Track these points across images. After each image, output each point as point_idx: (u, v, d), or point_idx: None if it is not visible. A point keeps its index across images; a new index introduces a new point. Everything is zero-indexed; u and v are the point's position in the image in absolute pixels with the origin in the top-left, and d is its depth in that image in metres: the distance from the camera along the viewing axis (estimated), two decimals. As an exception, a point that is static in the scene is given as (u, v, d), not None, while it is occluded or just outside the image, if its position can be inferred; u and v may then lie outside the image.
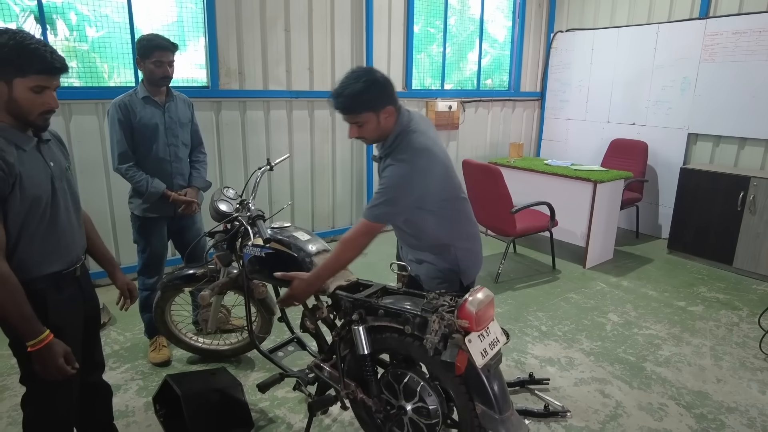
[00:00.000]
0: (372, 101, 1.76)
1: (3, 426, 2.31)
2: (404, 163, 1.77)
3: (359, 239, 1.82)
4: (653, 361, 2.92)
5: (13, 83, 1.41)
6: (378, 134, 1.84)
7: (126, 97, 2.63)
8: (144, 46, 2.57)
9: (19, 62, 1.40)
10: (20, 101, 1.43)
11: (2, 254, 1.42)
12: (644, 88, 5.22)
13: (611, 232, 4.55)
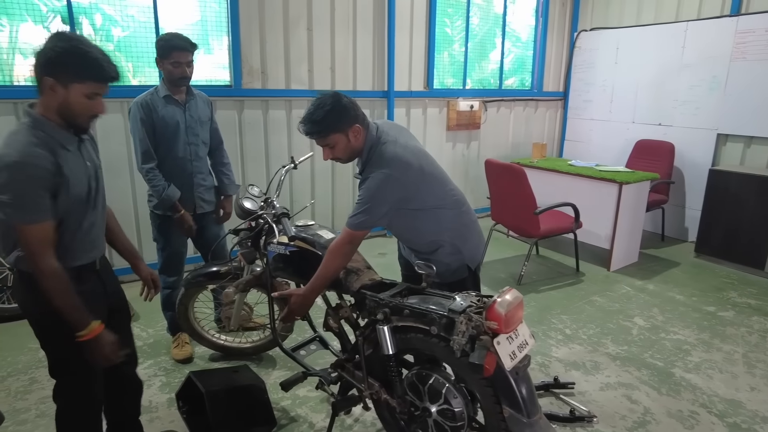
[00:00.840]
0: (336, 123, 1.86)
1: (32, 417, 2.34)
2: (377, 174, 1.86)
3: (344, 247, 1.91)
4: (682, 367, 2.84)
5: (70, 87, 1.47)
6: (350, 153, 1.94)
7: (147, 95, 2.64)
8: (162, 47, 2.57)
9: (78, 69, 1.45)
10: (73, 105, 1.49)
11: (53, 251, 1.48)
12: (671, 88, 5.10)
13: (636, 234, 4.45)
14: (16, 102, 3.34)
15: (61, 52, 1.44)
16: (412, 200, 1.93)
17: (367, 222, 1.89)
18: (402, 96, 4.96)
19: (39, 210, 1.44)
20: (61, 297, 1.48)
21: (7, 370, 2.70)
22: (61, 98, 1.47)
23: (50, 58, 1.44)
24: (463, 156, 5.62)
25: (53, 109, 1.50)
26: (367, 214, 1.87)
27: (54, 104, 1.49)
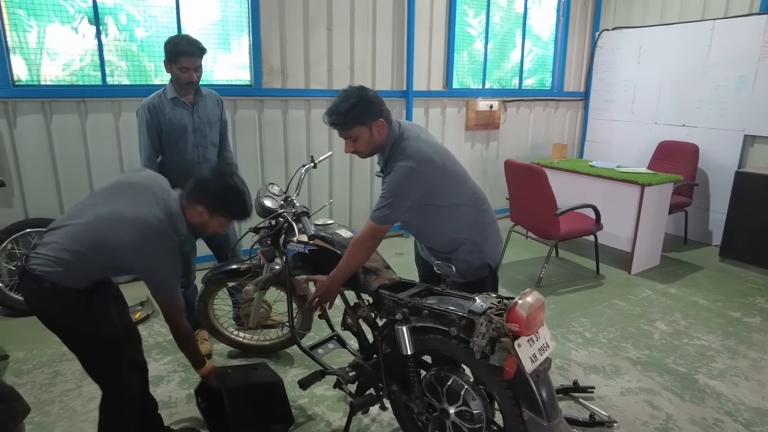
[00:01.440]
0: (361, 116, 1.86)
1: (56, 410, 2.39)
2: (401, 168, 1.86)
3: (367, 240, 1.92)
4: (706, 374, 2.77)
5: (215, 217, 1.82)
6: (371, 147, 1.94)
7: (155, 98, 2.63)
8: (170, 51, 2.55)
9: (233, 209, 1.83)
10: (209, 227, 1.86)
11: (182, 317, 1.90)
12: (696, 88, 5.00)
13: (658, 237, 4.37)
14: (43, 101, 3.41)
15: (221, 194, 1.79)
16: (435, 196, 1.93)
17: (391, 216, 1.88)
18: (421, 96, 4.95)
19: (179, 291, 1.85)
20: (188, 348, 1.99)
21: (33, 363, 2.77)
22: (204, 220, 1.82)
23: (209, 194, 1.78)
24: (482, 156, 5.58)
25: (191, 221, 1.83)
26: (391, 208, 1.87)
27: (194, 220, 1.82)
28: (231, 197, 1.80)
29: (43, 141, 3.46)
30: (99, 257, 1.70)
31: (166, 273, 1.77)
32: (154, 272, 1.76)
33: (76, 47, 3.54)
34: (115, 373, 1.84)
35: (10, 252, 3.39)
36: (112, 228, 1.68)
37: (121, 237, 1.67)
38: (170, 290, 1.80)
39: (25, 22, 3.36)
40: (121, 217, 1.69)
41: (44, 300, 1.72)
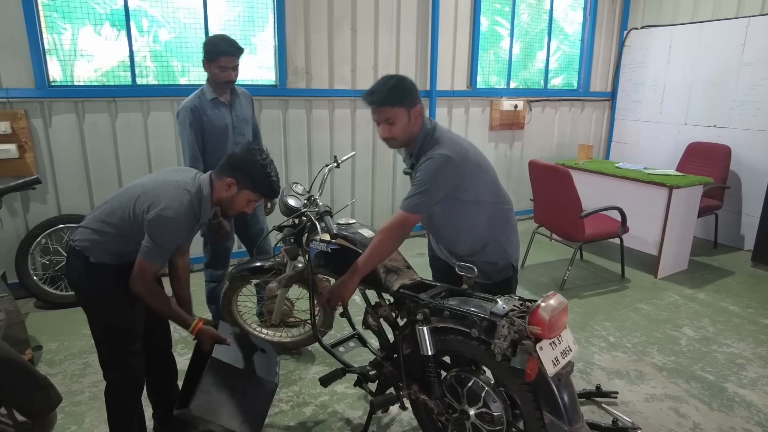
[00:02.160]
0: (404, 96, 1.85)
1: (86, 399, 2.47)
2: (437, 156, 1.84)
3: (396, 230, 1.89)
4: (736, 382, 2.70)
5: (242, 192, 1.82)
6: (406, 135, 1.91)
7: (195, 99, 2.68)
8: (210, 50, 2.61)
9: (260, 184, 1.81)
10: (236, 204, 1.84)
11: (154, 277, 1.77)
12: (729, 88, 4.86)
13: (686, 240, 4.26)
14: (76, 101, 3.52)
15: (251, 168, 1.79)
16: (467, 191, 1.91)
17: (424, 205, 1.86)
18: (444, 95, 4.93)
19: (165, 257, 1.78)
20: (163, 309, 1.82)
21: (64, 354, 2.86)
22: (231, 196, 1.82)
23: (240, 167, 1.80)
24: (506, 156, 5.53)
25: (219, 198, 1.83)
26: (424, 196, 1.84)
27: (223, 196, 1.83)
28: (258, 171, 1.80)
29: (76, 139, 3.57)
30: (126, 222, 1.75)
31: (167, 231, 1.71)
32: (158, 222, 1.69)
33: (107, 48, 3.65)
34: (116, 361, 1.89)
35: (44, 247, 3.51)
36: (144, 190, 1.76)
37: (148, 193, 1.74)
38: (159, 249, 1.72)
39: (60, 25, 3.47)
40: (155, 182, 1.79)
41: (79, 274, 1.81)
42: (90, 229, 1.80)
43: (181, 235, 1.77)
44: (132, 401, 1.95)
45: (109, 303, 1.82)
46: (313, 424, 2.32)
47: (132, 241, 1.74)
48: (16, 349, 2.20)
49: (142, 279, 1.73)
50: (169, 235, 1.72)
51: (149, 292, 1.76)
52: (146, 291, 1.75)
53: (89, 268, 1.78)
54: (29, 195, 3.48)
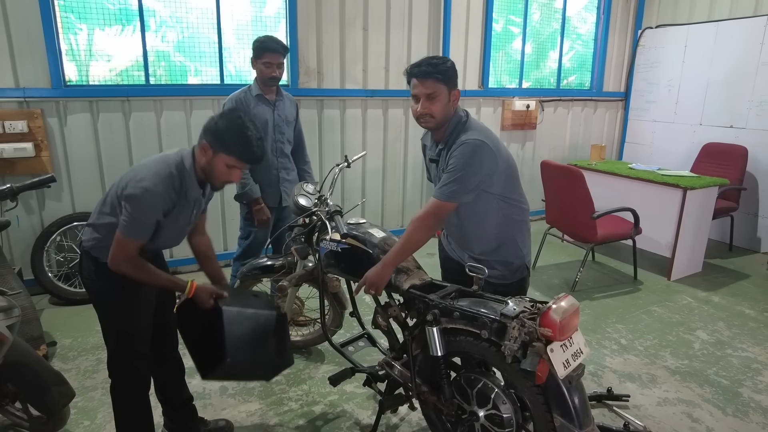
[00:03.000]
0: (449, 75, 1.84)
1: (98, 395, 2.50)
2: (471, 141, 1.81)
3: (430, 219, 1.86)
4: (752, 387, 2.65)
5: (218, 155, 1.72)
6: (443, 115, 1.87)
7: (241, 93, 2.84)
8: (257, 48, 2.76)
9: (232, 145, 1.70)
10: (215, 169, 1.74)
11: (136, 253, 1.71)
12: (746, 88, 4.78)
13: (701, 243, 4.20)
14: (91, 100, 3.57)
15: (226, 127, 1.69)
16: (496, 184, 1.88)
17: (459, 192, 1.82)
18: (455, 95, 4.91)
19: (144, 232, 1.70)
20: (151, 280, 1.76)
21: (78, 350, 2.90)
22: (208, 160, 1.73)
23: (215, 127, 1.70)
24: (518, 156, 5.50)
25: (200, 164, 1.76)
26: (459, 183, 1.80)
27: (201, 162, 1.75)
28: (232, 130, 1.69)
29: (90, 138, 3.62)
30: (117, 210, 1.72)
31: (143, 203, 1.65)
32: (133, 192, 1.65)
33: (121, 49, 3.69)
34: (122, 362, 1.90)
35: (59, 244, 3.56)
36: (128, 171, 1.76)
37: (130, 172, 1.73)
38: (136, 222, 1.67)
39: (76, 26, 3.52)
40: (141, 162, 1.78)
41: (89, 274, 1.84)
42: (92, 226, 1.82)
43: (158, 207, 1.68)
44: (137, 401, 1.96)
45: (116, 304, 1.83)
46: (323, 423, 2.33)
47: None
48: (30, 344, 2.24)
49: (124, 255, 1.68)
50: (144, 206, 1.65)
51: (133, 266, 1.70)
52: (129, 267, 1.70)
53: (98, 268, 1.79)
54: (45, 193, 3.53)
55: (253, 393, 2.55)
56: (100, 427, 2.29)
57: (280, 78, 2.86)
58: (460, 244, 2.11)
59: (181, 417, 2.17)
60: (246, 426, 2.31)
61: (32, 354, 1.95)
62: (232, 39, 4.00)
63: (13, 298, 1.75)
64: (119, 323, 1.86)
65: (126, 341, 1.87)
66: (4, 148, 3.28)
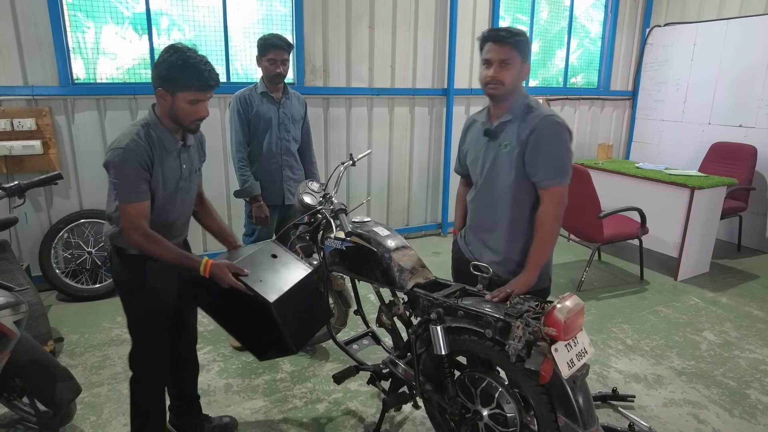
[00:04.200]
0: (525, 45, 1.81)
1: (105, 391, 2.52)
2: (561, 120, 1.81)
3: (561, 210, 1.85)
4: (759, 389, 2.63)
5: (176, 96, 1.66)
6: (511, 85, 1.82)
7: (246, 91, 2.87)
8: (261, 45, 2.78)
9: (183, 79, 1.63)
10: (179, 111, 1.69)
11: (147, 221, 1.69)
12: (756, 87, 4.73)
13: (708, 243, 4.17)
14: (98, 98, 3.59)
15: (168, 66, 1.62)
16: None
17: (570, 170, 1.82)
18: (462, 94, 4.90)
19: (137, 191, 1.67)
20: (165, 254, 1.70)
21: (85, 346, 2.92)
22: (169, 105, 1.68)
23: (160, 71, 1.65)
24: (523, 156, 5.47)
25: (165, 115, 1.72)
26: (569, 162, 1.81)
27: (165, 110, 1.71)
28: (175, 61, 1.61)
29: (98, 136, 3.64)
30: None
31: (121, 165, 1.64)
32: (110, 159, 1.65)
33: (128, 47, 3.71)
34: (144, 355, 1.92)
35: (66, 241, 3.59)
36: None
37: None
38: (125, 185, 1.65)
39: (84, 24, 3.54)
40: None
41: (113, 266, 1.87)
42: (107, 218, 1.84)
43: (135, 162, 1.64)
44: (156, 395, 1.98)
45: (140, 296, 1.84)
46: (326, 421, 2.33)
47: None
48: (38, 340, 2.26)
49: (131, 224, 1.66)
50: (122, 165, 1.64)
51: (146, 236, 1.66)
52: (142, 236, 1.66)
53: (122, 260, 1.81)
54: (53, 190, 3.56)
55: (257, 390, 2.56)
56: (107, 422, 2.30)
57: (285, 75, 2.86)
58: (490, 242, 1.99)
59: (188, 414, 2.18)
60: (250, 423, 2.32)
61: (39, 349, 1.96)
62: (239, 37, 4.01)
63: (21, 294, 1.76)
64: (142, 316, 1.87)
65: (149, 334, 1.89)
66: (13, 146, 3.31)
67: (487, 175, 1.94)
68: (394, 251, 2.01)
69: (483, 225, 2.02)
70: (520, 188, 1.87)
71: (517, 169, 1.85)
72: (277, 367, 2.76)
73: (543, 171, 1.81)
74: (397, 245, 2.04)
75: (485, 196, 1.97)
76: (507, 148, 1.87)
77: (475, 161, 1.99)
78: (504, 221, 1.94)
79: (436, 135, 4.89)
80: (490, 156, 1.92)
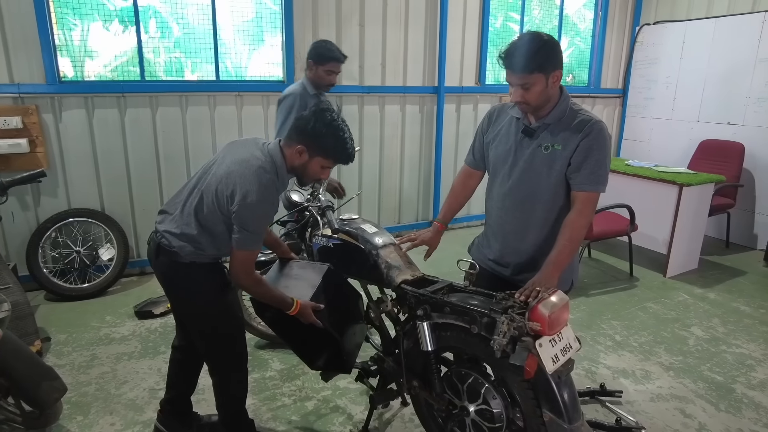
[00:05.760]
0: (546, 62, 1.70)
1: (92, 390, 2.50)
2: (604, 125, 1.77)
3: (592, 214, 1.83)
4: (745, 384, 2.66)
5: (314, 159, 1.73)
6: (542, 100, 1.75)
7: (300, 88, 2.90)
8: (321, 54, 2.85)
9: (330, 150, 1.72)
10: (309, 170, 1.76)
11: (253, 267, 1.74)
12: (743, 84, 4.77)
13: (697, 239, 4.20)
14: (86, 96, 3.56)
15: (321, 132, 1.68)
16: None
17: (607, 178, 1.78)
18: (452, 92, 4.91)
19: (260, 242, 1.74)
20: (268, 295, 1.79)
21: (72, 346, 2.90)
22: (303, 162, 1.74)
23: (310, 132, 1.69)
24: (514, 154, 5.49)
25: (292, 164, 1.76)
26: (607, 169, 1.77)
27: (295, 162, 1.75)
28: (330, 134, 1.69)
29: (86, 134, 3.61)
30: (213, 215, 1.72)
31: (257, 217, 1.67)
32: (244, 211, 1.65)
33: (116, 44, 3.68)
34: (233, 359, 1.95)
35: (54, 240, 3.56)
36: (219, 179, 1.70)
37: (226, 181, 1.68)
38: (254, 236, 1.69)
39: (71, 21, 3.51)
40: (228, 168, 1.70)
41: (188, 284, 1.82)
42: (183, 236, 1.76)
43: (271, 215, 1.73)
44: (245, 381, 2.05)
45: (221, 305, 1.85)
46: (315, 419, 2.33)
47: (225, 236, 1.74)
48: (25, 340, 2.24)
49: (245, 270, 1.70)
50: (260, 219, 1.69)
51: (255, 281, 1.74)
52: (251, 281, 1.73)
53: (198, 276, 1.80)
54: (40, 189, 3.53)
55: (246, 388, 2.55)
56: (94, 422, 2.29)
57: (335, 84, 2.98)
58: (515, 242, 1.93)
59: (179, 413, 2.17)
60: (239, 421, 2.31)
61: (24, 348, 1.95)
62: (229, 35, 3.99)
63: (5, 292, 1.76)
64: (223, 326, 1.88)
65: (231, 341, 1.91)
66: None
67: (521, 174, 1.85)
68: (382, 248, 2.02)
69: (509, 224, 1.93)
70: (558, 191, 1.82)
71: (560, 171, 1.79)
72: (266, 365, 2.75)
73: (587, 175, 1.75)
74: (384, 242, 2.04)
75: (518, 194, 1.88)
76: (548, 150, 1.80)
77: (505, 156, 1.90)
78: (536, 222, 1.88)
79: (427, 133, 4.89)
80: (525, 153, 1.84)
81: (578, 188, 1.78)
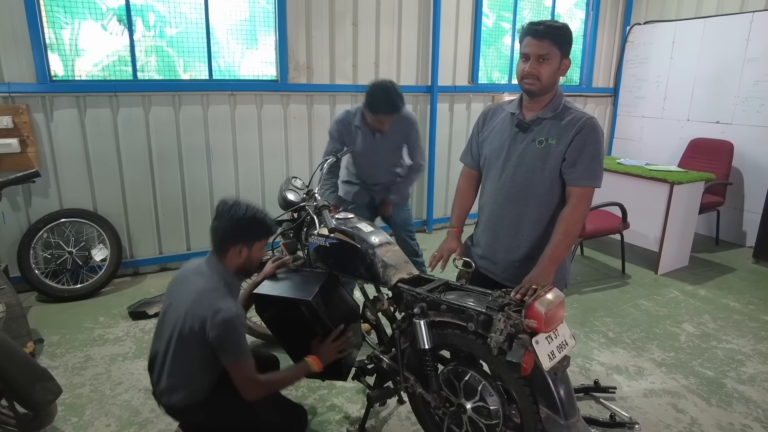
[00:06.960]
0: (566, 42, 1.76)
1: (86, 392, 2.49)
2: (597, 124, 1.80)
3: (587, 210, 1.83)
4: (735, 378, 2.70)
5: (253, 247, 1.82)
6: (549, 81, 1.77)
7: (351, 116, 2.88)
8: (371, 104, 2.69)
9: (262, 229, 1.83)
10: (254, 259, 1.86)
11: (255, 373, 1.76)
12: (732, 84, 4.83)
13: (688, 237, 4.25)
14: (78, 95, 3.53)
15: (249, 222, 1.78)
16: None
17: (602, 174, 1.81)
18: (446, 91, 4.92)
19: (247, 350, 1.75)
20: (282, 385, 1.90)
21: (65, 347, 2.88)
22: (245, 255, 1.81)
23: (241, 229, 1.78)
24: (507, 153, 5.51)
25: (234, 266, 1.83)
26: (602, 165, 1.80)
27: (238, 262, 1.82)
28: (251, 218, 1.79)
29: (77, 134, 3.58)
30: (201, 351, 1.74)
31: (238, 333, 1.72)
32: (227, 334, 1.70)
33: (108, 43, 3.65)
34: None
35: (46, 241, 3.53)
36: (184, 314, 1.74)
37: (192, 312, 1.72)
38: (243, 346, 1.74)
39: (61, 20, 3.48)
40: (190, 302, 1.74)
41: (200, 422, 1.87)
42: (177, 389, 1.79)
43: (244, 321, 1.83)
44: None
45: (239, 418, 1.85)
46: (312, 417, 2.33)
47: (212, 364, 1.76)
48: (17, 342, 2.23)
49: (250, 378, 1.74)
50: (240, 330, 1.73)
51: (263, 387, 1.78)
52: (261, 389, 1.77)
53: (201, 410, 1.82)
54: (31, 189, 3.50)
55: (242, 388, 2.55)
56: (89, 423, 2.27)
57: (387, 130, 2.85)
58: (507, 238, 1.95)
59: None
60: (235, 421, 2.31)
61: (17, 350, 1.93)
62: (222, 33, 3.97)
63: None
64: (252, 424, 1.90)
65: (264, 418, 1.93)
66: (-11, 144, 3.25)
67: (515, 169, 1.87)
68: (378, 247, 2.02)
69: (502, 218, 1.94)
70: (554, 187, 1.84)
71: (554, 166, 1.80)
72: (262, 364, 2.75)
73: (582, 170, 1.78)
74: (380, 241, 2.05)
75: (512, 188, 1.88)
76: (542, 145, 1.81)
77: (499, 151, 1.92)
78: (530, 216, 1.89)
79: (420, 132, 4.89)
80: (518, 148, 1.86)
81: (574, 183, 1.80)
